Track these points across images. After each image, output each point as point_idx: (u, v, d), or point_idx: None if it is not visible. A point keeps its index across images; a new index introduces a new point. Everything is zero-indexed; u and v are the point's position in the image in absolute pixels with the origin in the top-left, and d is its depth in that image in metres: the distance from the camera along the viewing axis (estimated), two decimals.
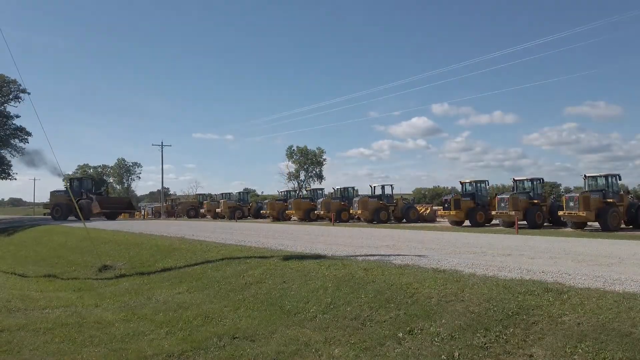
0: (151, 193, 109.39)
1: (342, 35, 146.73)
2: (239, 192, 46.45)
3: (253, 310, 6.99)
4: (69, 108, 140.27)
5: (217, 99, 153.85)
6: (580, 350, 4.31)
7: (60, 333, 6.33)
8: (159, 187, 67.03)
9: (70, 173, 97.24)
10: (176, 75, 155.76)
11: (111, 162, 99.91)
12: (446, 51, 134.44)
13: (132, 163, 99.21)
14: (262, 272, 8.73)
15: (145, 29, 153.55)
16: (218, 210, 42.34)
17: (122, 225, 25.90)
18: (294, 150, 72.92)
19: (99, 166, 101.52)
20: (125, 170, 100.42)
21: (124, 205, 43.67)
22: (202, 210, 45.84)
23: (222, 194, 46.85)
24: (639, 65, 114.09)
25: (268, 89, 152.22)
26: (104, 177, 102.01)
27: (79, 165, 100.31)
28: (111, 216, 39.90)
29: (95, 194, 39.62)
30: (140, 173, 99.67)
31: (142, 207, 63.93)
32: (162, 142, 58.34)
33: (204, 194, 55.17)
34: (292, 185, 71.34)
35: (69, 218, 36.43)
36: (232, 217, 39.61)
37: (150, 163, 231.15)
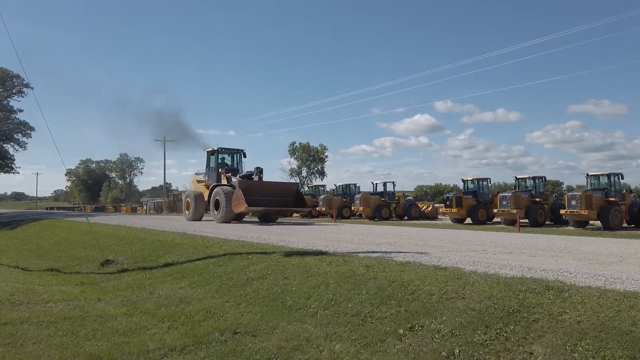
0: (153, 188, 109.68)
1: (345, 32, 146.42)
2: None
3: (254, 306, 7.02)
4: (71, 103, 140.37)
5: (219, 95, 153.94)
6: (580, 348, 4.32)
7: (63, 326, 6.37)
8: (161, 183, 66.91)
9: (73, 168, 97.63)
10: (178, 71, 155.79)
11: (114, 157, 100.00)
12: (450, 49, 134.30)
13: (134, 158, 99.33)
14: (263, 267, 8.75)
15: (146, 24, 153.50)
16: None
17: (124, 220, 25.98)
18: (296, 146, 72.89)
19: (102, 161, 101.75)
20: (127, 165, 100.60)
21: (291, 197, 22.36)
22: None
23: None
24: None
25: (270, 85, 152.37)
26: (107, 172, 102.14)
27: (81, 160, 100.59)
28: (266, 217, 22.80)
29: (238, 178, 21.57)
30: (142, 168, 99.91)
31: (144, 203, 63.97)
32: (164, 138, 57.70)
33: None
34: (294, 181, 71.36)
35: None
36: None
37: (152, 158, 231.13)
